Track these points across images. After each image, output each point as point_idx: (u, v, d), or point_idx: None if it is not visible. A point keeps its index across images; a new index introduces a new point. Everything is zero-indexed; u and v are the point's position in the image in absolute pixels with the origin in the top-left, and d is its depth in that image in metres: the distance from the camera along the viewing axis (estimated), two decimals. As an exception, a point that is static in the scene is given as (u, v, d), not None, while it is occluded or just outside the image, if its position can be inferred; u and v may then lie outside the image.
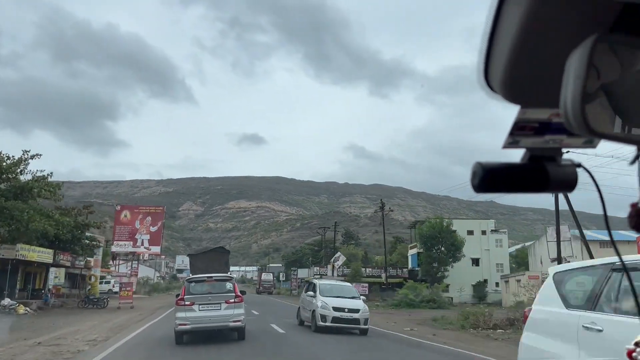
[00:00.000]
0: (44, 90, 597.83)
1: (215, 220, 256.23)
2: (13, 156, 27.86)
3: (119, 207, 56.08)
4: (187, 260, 57.69)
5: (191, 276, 17.42)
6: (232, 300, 13.16)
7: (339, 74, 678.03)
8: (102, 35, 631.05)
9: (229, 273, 44.27)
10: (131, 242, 51.27)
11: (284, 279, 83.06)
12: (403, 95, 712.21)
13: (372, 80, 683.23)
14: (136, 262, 53.77)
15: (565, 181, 0.89)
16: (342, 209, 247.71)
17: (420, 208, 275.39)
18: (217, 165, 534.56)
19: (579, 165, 0.90)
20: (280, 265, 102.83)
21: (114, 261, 54.52)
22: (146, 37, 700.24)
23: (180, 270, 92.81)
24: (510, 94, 0.81)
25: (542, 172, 0.88)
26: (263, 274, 78.15)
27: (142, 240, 52.19)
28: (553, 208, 29.15)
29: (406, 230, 75.96)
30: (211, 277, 14.17)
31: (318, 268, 57.28)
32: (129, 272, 48.09)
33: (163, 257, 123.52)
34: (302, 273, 67.70)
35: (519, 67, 0.76)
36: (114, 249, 51.12)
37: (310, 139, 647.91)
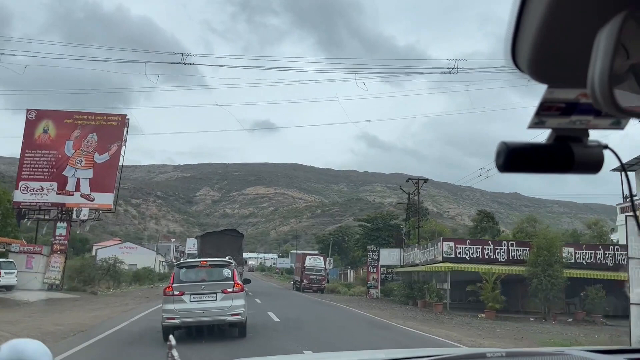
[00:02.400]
0: (56, 74, 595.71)
1: (233, 206, 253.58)
2: None
3: (33, 115, 31.27)
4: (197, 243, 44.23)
5: (181, 260, 15.48)
6: (230, 290, 11.49)
7: (350, 61, 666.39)
8: (113, 18, 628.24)
9: (243, 259, 37.88)
10: (55, 184, 30.39)
11: (330, 266, 62.06)
12: (417, 84, 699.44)
13: (385, 67, 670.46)
14: (65, 222, 30.47)
15: (590, 162, 0.88)
16: (363, 197, 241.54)
17: (443, 199, 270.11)
18: (229, 153, 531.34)
19: (606, 147, 0.89)
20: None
21: (23, 221, 31.40)
22: (157, 21, 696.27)
23: (191, 256, 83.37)
24: (538, 73, 0.80)
25: (567, 153, 0.87)
26: (308, 257, 45.21)
27: (78, 180, 30.75)
28: (579, 201, 26.23)
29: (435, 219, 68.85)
30: (205, 261, 12.44)
31: (416, 246, 34.16)
32: (58, 242, 29.55)
33: (173, 239, 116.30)
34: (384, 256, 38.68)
35: (547, 45, 0.75)
36: (17, 197, 30.21)
37: (323, 126, 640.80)
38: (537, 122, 0.90)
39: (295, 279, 48.94)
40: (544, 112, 0.89)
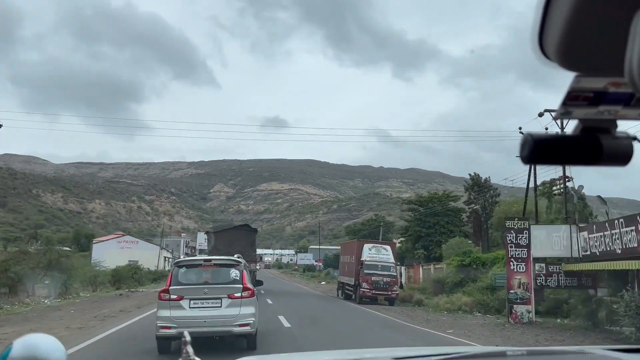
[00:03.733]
0: (68, 72, 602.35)
1: (247, 203, 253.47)
2: None
3: None
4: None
5: (181, 258, 13.29)
6: (239, 295, 9.67)
7: (360, 55, 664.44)
8: (122, 15, 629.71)
9: (256, 255, 34.13)
10: None
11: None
12: (427, 78, 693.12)
13: (395, 62, 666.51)
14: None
15: (619, 154, 0.85)
16: (380, 192, 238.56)
17: (460, 193, 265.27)
18: (243, 150, 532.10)
19: (635, 138, 0.87)
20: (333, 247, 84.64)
21: None
22: (165, 17, 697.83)
23: (203, 252, 77.82)
24: (567, 60, 0.77)
25: (595, 144, 0.85)
26: (368, 247, 29.34)
27: None
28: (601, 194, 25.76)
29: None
30: (209, 260, 10.67)
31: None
32: None
33: (183, 234, 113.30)
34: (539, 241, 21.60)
35: (577, 31, 0.71)
36: None
37: (333, 122, 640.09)
38: (564, 112, 0.87)
39: (344, 282, 31.82)
40: (571, 102, 0.85)
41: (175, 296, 9.62)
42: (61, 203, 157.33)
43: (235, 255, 11.50)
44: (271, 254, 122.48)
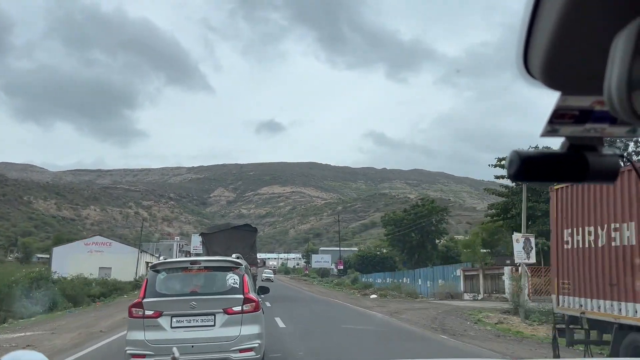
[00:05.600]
0: (61, 79, 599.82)
1: (248, 207, 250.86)
2: None
3: None
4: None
5: (160, 260, 10.65)
6: (239, 309, 7.42)
7: (354, 57, 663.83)
8: (112, 20, 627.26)
9: (257, 258, 30.27)
10: None
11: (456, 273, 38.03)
12: (422, 79, 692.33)
13: (389, 63, 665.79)
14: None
15: (606, 172, 0.86)
16: (387, 192, 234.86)
17: (465, 193, 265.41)
18: (242, 155, 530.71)
19: (622, 156, 0.87)
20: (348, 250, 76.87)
21: None
22: (156, 22, 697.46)
23: (198, 257, 68.48)
24: (551, 80, 0.77)
25: (581, 162, 0.85)
26: None
27: None
28: None
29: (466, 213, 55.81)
30: (197, 262, 8.19)
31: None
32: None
33: (177, 237, 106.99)
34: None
35: (561, 51, 0.72)
36: None
37: (330, 124, 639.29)
38: (550, 130, 0.87)
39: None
40: (557, 120, 0.86)
41: (152, 312, 7.44)
42: (54, 210, 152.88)
43: (234, 255, 8.64)
44: (275, 258, 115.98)
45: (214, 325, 7.49)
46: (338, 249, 74.17)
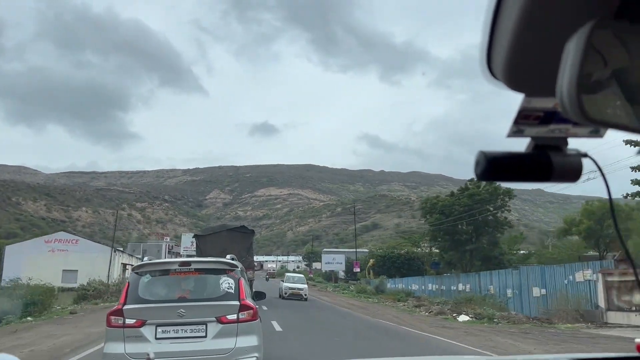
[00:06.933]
0: (52, 82, 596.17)
1: (245, 209, 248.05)
2: None
3: None
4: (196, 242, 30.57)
5: (144, 261, 8.64)
6: (234, 317, 6.68)
7: (347, 59, 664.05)
8: (104, 21, 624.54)
9: (254, 261, 27.87)
10: None
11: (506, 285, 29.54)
12: (415, 81, 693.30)
13: (382, 65, 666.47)
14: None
15: (569, 171, 0.88)
16: (386, 194, 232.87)
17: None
18: (237, 157, 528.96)
19: (585, 155, 0.90)
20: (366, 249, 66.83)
21: None
22: (149, 24, 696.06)
23: (190, 257, 59.35)
24: (513, 82, 0.80)
25: (546, 162, 0.88)
26: None
27: None
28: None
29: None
30: (187, 263, 7.34)
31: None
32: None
33: (167, 238, 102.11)
34: None
35: (520, 54, 0.74)
36: None
37: (324, 127, 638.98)
38: (516, 130, 0.90)
39: None
40: (522, 121, 0.88)
41: (134, 320, 6.53)
42: (43, 211, 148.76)
43: (228, 257, 7.68)
44: (274, 260, 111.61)
45: (205, 337, 6.83)
46: (346, 250, 67.80)
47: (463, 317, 22.40)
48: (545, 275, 25.43)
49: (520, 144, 0.89)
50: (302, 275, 36.15)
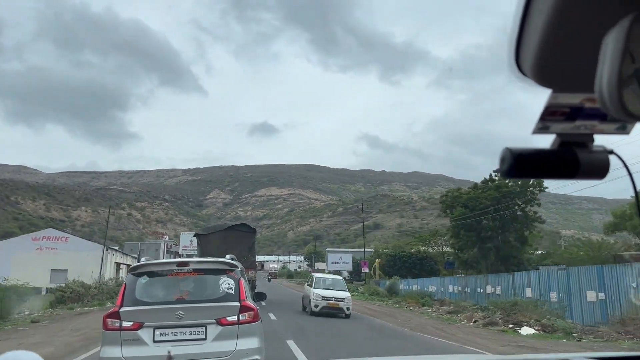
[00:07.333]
0: (52, 81, 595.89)
1: (245, 209, 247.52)
2: None
3: None
4: (195, 241, 29.91)
5: (142, 261, 7.52)
6: (234, 319, 6.59)
7: (346, 59, 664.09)
8: (103, 21, 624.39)
9: (256, 261, 27.59)
10: None
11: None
12: (415, 81, 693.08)
13: (382, 65, 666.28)
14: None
15: (596, 168, 0.87)
16: (388, 194, 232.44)
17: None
18: (237, 157, 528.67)
19: (612, 152, 0.89)
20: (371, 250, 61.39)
21: None
22: (146, 22, 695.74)
23: (189, 257, 56.28)
24: (542, 77, 0.79)
25: (572, 158, 0.87)
26: None
27: None
28: (608, 197, 19.78)
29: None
30: (185, 264, 7.14)
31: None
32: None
33: (166, 237, 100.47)
34: None
35: (552, 49, 0.74)
36: None
37: (323, 127, 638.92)
38: (542, 127, 0.89)
39: None
40: (548, 117, 0.88)
41: (131, 323, 6.44)
42: (42, 211, 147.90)
43: (228, 257, 7.47)
44: (275, 260, 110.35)
45: (205, 339, 6.65)
46: (352, 250, 65.43)
47: (527, 330, 17.76)
48: (604, 276, 20.72)
49: (538, 141, 0.88)
50: (340, 278, 26.02)
